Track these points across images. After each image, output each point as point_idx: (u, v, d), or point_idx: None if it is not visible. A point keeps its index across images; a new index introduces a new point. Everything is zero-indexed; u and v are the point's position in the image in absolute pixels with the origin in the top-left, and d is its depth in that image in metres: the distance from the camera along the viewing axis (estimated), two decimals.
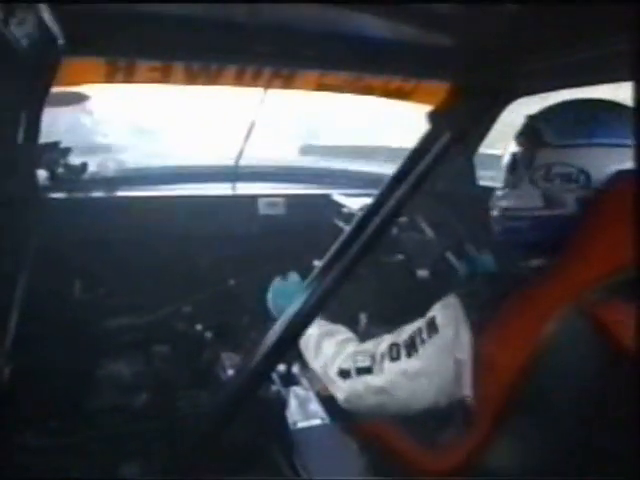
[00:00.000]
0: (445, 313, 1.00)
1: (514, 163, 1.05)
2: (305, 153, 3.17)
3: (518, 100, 1.60)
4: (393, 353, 1.03)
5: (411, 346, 1.01)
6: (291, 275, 1.44)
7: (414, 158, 1.03)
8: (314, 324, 1.24)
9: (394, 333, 1.08)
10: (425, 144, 1.02)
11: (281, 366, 1.51)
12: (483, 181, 1.91)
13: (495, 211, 1.09)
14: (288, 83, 1.42)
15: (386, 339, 1.07)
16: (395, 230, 1.67)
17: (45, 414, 1.48)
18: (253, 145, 1.93)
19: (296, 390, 1.54)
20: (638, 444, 0.71)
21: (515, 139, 1.06)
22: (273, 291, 1.44)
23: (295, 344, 1.26)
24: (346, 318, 1.43)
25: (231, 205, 1.87)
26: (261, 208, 1.90)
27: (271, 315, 1.39)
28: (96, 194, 1.70)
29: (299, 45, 1.19)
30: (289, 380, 1.53)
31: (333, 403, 1.27)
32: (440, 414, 1.05)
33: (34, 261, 1.26)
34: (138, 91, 1.45)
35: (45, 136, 1.29)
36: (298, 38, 1.15)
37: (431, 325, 1.00)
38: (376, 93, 1.57)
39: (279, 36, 1.13)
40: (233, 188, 1.93)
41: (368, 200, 1.16)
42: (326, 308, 1.28)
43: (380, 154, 2.73)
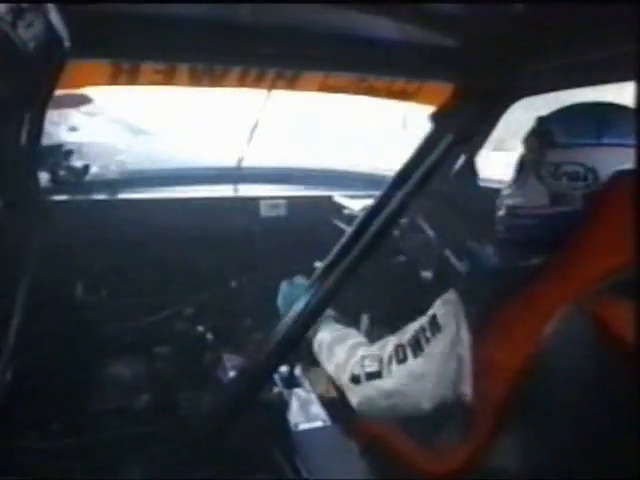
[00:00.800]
0: (445, 310, 1.00)
1: (522, 162, 1.06)
2: None
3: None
4: (399, 355, 1.03)
5: (416, 346, 1.02)
6: (298, 279, 1.44)
7: (417, 159, 1.03)
8: (327, 328, 1.26)
9: (398, 334, 1.08)
10: (428, 145, 1.02)
11: (283, 368, 1.51)
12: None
13: (502, 210, 1.09)
14: (292, 84, 1.42)
15: (391, 340, 1.08)
16: (397, 231, 1.67)
17: (47, 416, 1.49)
18: (255, 147, 1.93)
19: (298, 392, 1.54)
20: (639, 444, 0.71)
21: (524, 140, 1.07)
22: (281, 295, 1.43)
23: (297, 346, 1.26)
24: (348, 319, 1.43)
25: (233, 207, 1.87)
26: (263, 210, 1.90)
27: (280, 317, 1.39)
28: (98, 196, 1.70)
29: (303, 46, 1.19)
30: (291, 382, 1.53)
31: (335, 405, 1.27)
32: (440, 415, 1.06)
33: (36, 263, 1.26)
34: (140, 93, 1.45)
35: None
36: (302, 39, 1.15)
37: (433, 323, 1.01)
38: (380, 94, 1.57)
39: (283, 37, 1.13)
40: (235, 190, 1.93)
41: (370, 201, 1.17)
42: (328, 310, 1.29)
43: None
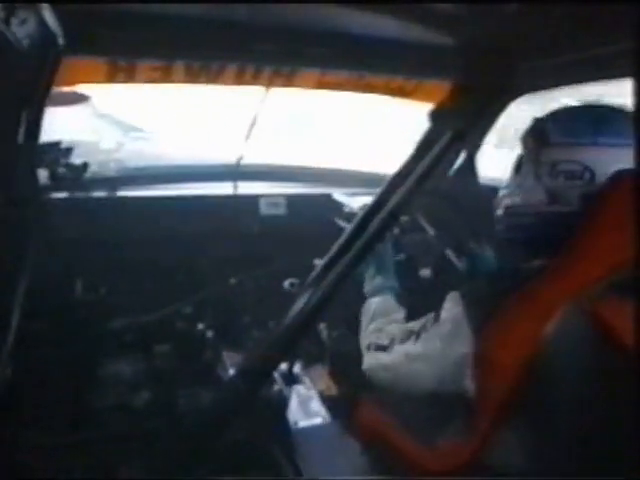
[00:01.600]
0: (447, 307, 1.03)
1: (520, 162, 1.07)
2: None
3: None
4: (405, 337, 1.11)
5: (418, 333, 1.08)
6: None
7: (416, 156, 1.03)
8: (381, 298, 1.33)
9: (414, 322, 1.13)
10: (427, 142, 1.02)
11: (283, 365, 1.51)
12: None
13: (500, 209, 1.10)
14: (289, 82, 1.42)
15: (409, 326, 1.14)
16: (396, 229, 1.67)
17: (47, 413, 1.49)
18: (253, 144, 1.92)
19: (298, 389, 1.54)
20: (638, 443, 0.71)
21: (522, 140, 1.08)
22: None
23: (297, 343, 1.26)
24: (347, 317, 1.43)
25: (232, 205, 1.87)
26: (262, 208, 1.90)
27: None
28: (97, 194, 1.70)
29: (300, 44, 1.18)
30: (291, 379, 1.53)
31: (334, 402, 1.28)
32: (441, 412, 1.06)
33: (35, 260, 1.26)
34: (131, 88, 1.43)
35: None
36: (299, 36, 1.15)
37: (435, 316, 1.06)
38: (378, 92, 1.56)
39: (280, 35, 1.12)
40: (234, 188, 1.93)
41: (369, 199, 1.17)
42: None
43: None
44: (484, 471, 0.95)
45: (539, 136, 1.03)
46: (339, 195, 1.89)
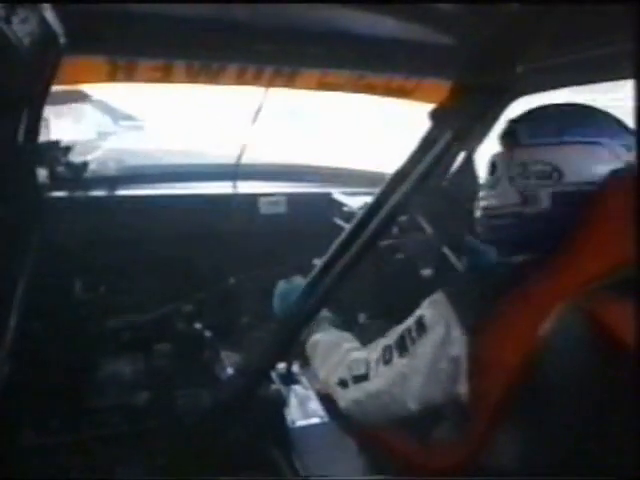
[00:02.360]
0: (433, 312, 1.01)
1: (494, 165, 1.09)
2: None
3: None
4: (386, 356, 1.05)
5: (402, 346, 1.03)
6: (295, 279, 1.44)
7: (416, 156, 1.03)
8: (321, 331, 1.27)
9: (388, 335, 1.09)
10: (427, 142, 1.02)
11: (281, 365, 1.51)
12: None
13: (478, 212, 1.12)
14: (289, 82, 1.42)
15: (381, 343, 1.09)
16: (395, 229, 1.67)
17: (45, 413, 1.49)
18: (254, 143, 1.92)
19: (295, 389, 1.54)
20: (637, 442, 0.71)
21: (498, 142, 1.10)
22: (278, 294, 1.44)
23: (295, 343, 1.26)
24: (344, 318, 1.43)
25: (232, 204, 1.87)
26: (262, 207, 1.90)
27: (276, 316, 1.39)
28: (97, 193, 1.70)
29: (300, 44, 1.18)
30: (289, 379, 1.53)
31: (332, 402, 1.27)
32: (437, 412, 1.06)
33: (35, 260, 1.26)
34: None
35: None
36: (299, 37, 1.15)
37: (419, 324, 1.02)
38: (378, 92, 1.56)
39: (280, 35, 1.12)
40: (234, 187, 1.93)
41: (369, 199, 1.17)
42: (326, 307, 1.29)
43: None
44: (480, 471, 0.95)
45: (510, 138, 1.05)
46: (339, 194, 1.89)
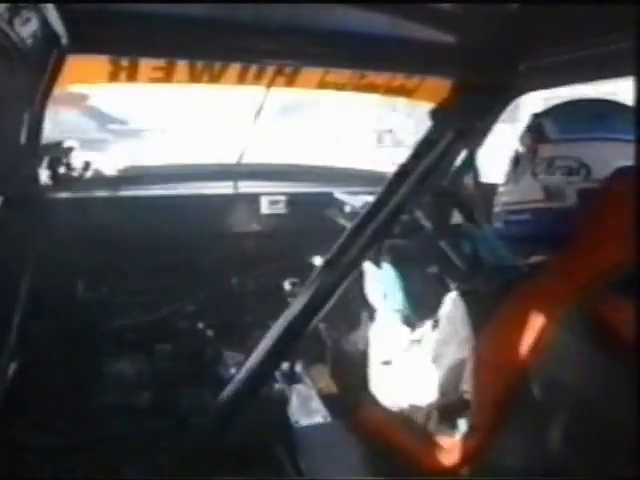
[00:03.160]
0: (446, 310, 1.04)
1: (517, 159, 1.07)
2: None
3: None
4: (409, 347, 1.12)
5: (420, 342, 1.10)
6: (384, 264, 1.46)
7: (417, 155, 1.02)
8: (388, 322, 1.31)
9: (416, 330, 1.15)
10: (429, 141, 1.02)
11: (284, 364, 1.52)
12: None
13: (497, 207, 1.10)
14: (291, 81, 1.42)
15: (411, 336, 1.16)
16: (398, 228, 1.67)
17: (48, 413, 1.49)
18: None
19: (298, 388, 1.55)
20: (639, 443, 0.71)
21: (520, 137, 1.07)
22: (370, 277, 1.45)
23: (298, 342, 1.26)
24: (348, 317, 1.43)
25: (233, 204, 1.87)
26: (263, 206, 1.90)
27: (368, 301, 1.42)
28: (98, 193, 1.70)
29: (302, 43, 1.18)
30: (292, 378, 1.53)
31: (335, 401, 1.28)
32: (441, 412, 1.06)
33: (37, 260, 1.26)
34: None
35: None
36: (301, 36, 1.15)
37: (435, 323, 1.06)
38: (379, 91, 1.56)
39: (282, 34, 1.12)
40: (235, 187, 1.93)
41: (371, 198, 1.17)
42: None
43: None
44: (485, 469, 0.95)
45: (536, 133, 1.03)
46: (340, 194, 1.89)
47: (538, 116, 1.06)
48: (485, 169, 1.76)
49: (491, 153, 1.75)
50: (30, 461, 1.35)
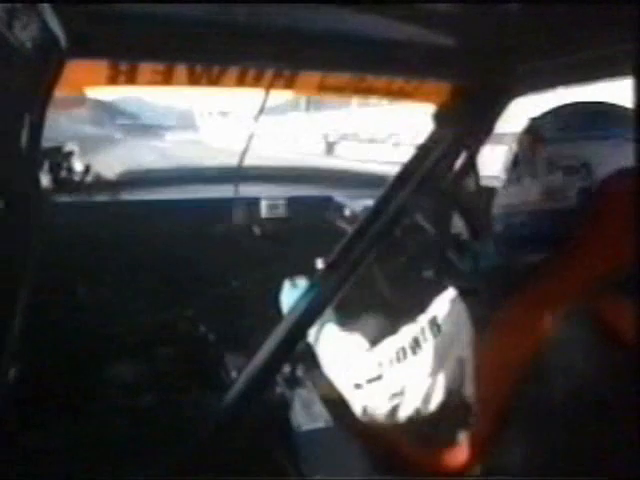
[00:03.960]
0: (445, 310, 1.01)
1: (516, 161, 1.06)
2: None
3: None
4: (400, 356, 1.05)
5: (415, 347, 1.03)
6: (300, 279, 1.44)
7: (418, 158, 1.02)
8: (330, 334, 1.27)
9: (398, 335, 1.08)
10: (429, 144, 1.02)
11: (285, 368, 1.51)
12: None
13: (496, 209, 1.10)
14: (290, 84, 1.42)
15: (393, 343, 1.08)
16: (398, 231, 1.66)
17: (49, 416, 1.49)
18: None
19: (300, 392, 1.54)
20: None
21: (517, 140, 1.07)
22: (284, 294, 1.44)
23: (299, 345, 1.26)
24: (351, 320, 1.43)
25: (233, 207, 1.87)
26: (263, 210, 1.90)
27: (281, 316, 1.39)
28: (99, 197, 1.70)
29: (301, 46, 1.18)
30: (293, 382, 1.52)
31: (337, 405, 1.27)
32: (442, 414, 1.06)
33: (38, 264, 1.26)
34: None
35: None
36: (300, 39, 1.15)
37: (433, 323, 1.02)
38: (379, 94, 1.56)
39: (281, 37, 1.12)
40: (235, 191, 1.93)
41: (371, 201, 1.17)
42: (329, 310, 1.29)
43: None
44: (487, 471, 0.95)
45: (534, 134, 1.02)
46: (340, 197, 1.89)
47: (536, 117, 1.06)
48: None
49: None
50: (30, 463, 1.35)
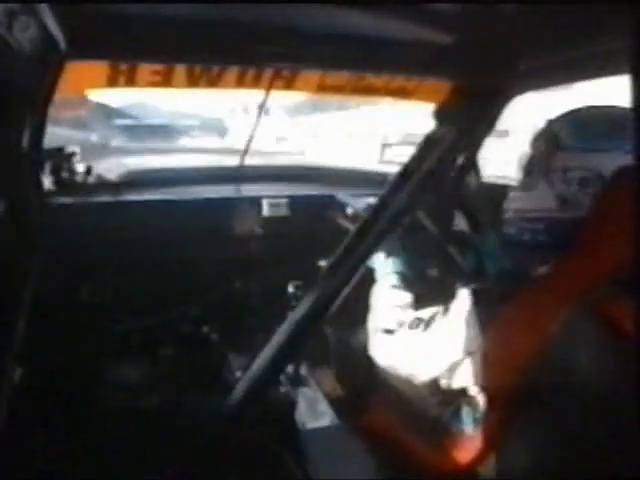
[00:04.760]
0: (456, 303, 1.05)
1: (531, 166, 1.06)
2: None
3: None
4: (414, 324, 1.14)
5: (428, 323, 1.11)
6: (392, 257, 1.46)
7: (420, 156, 1.02)
8: (389, 281, 1.34)
9: (423, 310, 1.16)
10: (431, 142, 1.02)
11: (289, 367, 1.51)
12: None
13: (509, 213, 1.09)
14: (289, 84, 1.42)
15: (417, 313, 1.17)
16: (400, 229, 1.66)
17: (52, 416, 1.49)
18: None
19: (304, 391, 1.54)
20: None
21: (532, 142, 1.07)
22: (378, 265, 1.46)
23: (303, 345, 1.26)
24: (352, 319, 1.43)
25: (235, 207, 1.87)
26: (265, 210, 1.90)
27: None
28: (101, 198, 1.71)
29: (300, 45, 1.18)
30: (297, 381, 1.52)
31: (341, 404, 1.28)
32: (448, 411, 1.06)
33: (40, 265, 1.27)
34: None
35: None
36: (299, 38, 1.15)
37: (445, 311, 1.08)
38: (378, 93, 1.56)
39: (280, 37, 1.12)
40: (237, 190, 1.93)
41: (373, 200, 1.17)
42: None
43: None
44: (492, 469, 0.95)
45: (551, 140, 1.01)
46: (342, 196, 1.89)
47: (552, 122, 1.05)
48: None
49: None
50: (34, 463, 1.35)
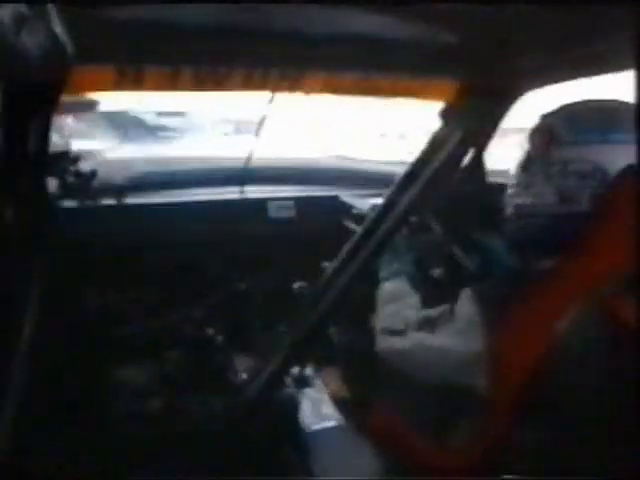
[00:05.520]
0: (461, 304, 1.03)
1: (528, 161, 1.04)
2: None
3: None
4: (420, 324, 1.11)
5: (435, 324, 1.08)
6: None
7: (426, 156, 1.02)
8: (396, 281, 1.31)
9: (429, 310, 1.13)
10: (437, 142, 1.02)
11: (294, 368, 1.51)
12: None
13: (508, 209, 1.08)
14: (295, 86, 1.42)
15: (425, 313, 1.14)
16: (405, 230, 1.66)
17: (58, 419, 1.49)
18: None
19: (309, 392, 1.54)
20: None
21: (529, 137, 1.05)
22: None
23: (308, 346, 1.26)
24: (357, 320, 1.43)
25: (241, 208, 1.87)
26: (271, 211, 1.90)
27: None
28: (106, 201, 1.71)
29: (305, 47, 1.18)
30: (302, 382, 1.53)
31: (347, 405, 1.27)
32: (454, 412, 1.06)
33: (46, 269, 1.27)
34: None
35: None
36: (304, 40, 1.15)
37: (450, 311, 1.05)
38: (384, 93, 1.56)
39: (285, 38, 1.12)
40: (242, 192, 1.93)
41: (379, 201, 1.16)
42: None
43: None
44: (498, 470, 0.94)
45: (547, 134, 1.00)
46: (348, 196, 1.89)
47: (548, 116, 1.04)
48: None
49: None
50: (40, 467, 1.36)
